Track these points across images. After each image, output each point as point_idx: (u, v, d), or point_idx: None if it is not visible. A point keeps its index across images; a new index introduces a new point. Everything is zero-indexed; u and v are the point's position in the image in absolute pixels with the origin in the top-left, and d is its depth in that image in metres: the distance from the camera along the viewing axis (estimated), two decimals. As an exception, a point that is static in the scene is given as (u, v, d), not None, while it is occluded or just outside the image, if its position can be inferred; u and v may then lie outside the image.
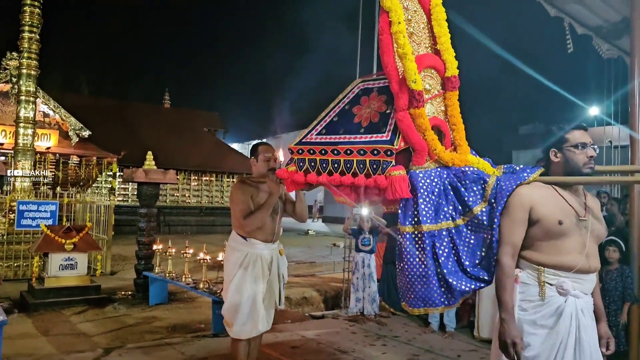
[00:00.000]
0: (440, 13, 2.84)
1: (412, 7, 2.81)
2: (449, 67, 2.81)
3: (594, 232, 2.38)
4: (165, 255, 6.85)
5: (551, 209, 2.36)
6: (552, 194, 2.41)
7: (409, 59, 2.55)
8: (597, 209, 2.48)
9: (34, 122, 10.37)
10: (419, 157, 2.60)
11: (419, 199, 2.55)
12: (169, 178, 7.50)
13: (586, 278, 2.35)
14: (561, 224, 2.32)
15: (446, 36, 2.84)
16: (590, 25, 6.61)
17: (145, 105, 24.05)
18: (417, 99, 2.56)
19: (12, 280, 8.01)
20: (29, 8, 10.07)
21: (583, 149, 2.39)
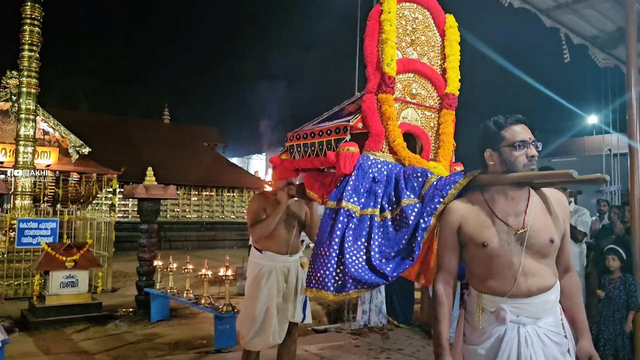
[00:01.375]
0: (454, 35, 2.89)
1: (423, 20, 2.88)
2: (450, 84, 2.82)
3: (534, 247, 2.01)
4: (167, 271, 6.83)
5: (476, 227, 2.06)
6: (480, 208, 2.09)
7: (390, 45, 2.61)
8: (544, 214, 2.07)
9: (34, 140, 10.40)
10: (373, 141, 2.56)
11: (352, 177, 2.46)
12: (170, 194, 7.50)
13: (529, 301, 2.00)
14: (485, 246, 2.01)
15: (455, 56, 2.87)
16: (586, 35, 6.66)
17: (144, 121, 24.14)
18: (386, 84, 2.58)
19: (13, 299, 7.97)
20: (29, 27, 10.14)
21: (522, 148, 2.03)
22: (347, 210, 2.38)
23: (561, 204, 2.13)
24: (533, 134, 2.08)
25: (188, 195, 19.33)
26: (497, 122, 2.10)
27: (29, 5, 10.11)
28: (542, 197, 2.11)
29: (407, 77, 2.77)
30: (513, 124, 2.07)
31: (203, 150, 22.68)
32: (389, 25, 2.62)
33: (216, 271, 5.95)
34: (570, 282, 2.16)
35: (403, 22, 2.80)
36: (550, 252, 2.04)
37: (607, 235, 5.94)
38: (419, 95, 2.80)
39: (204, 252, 15.22)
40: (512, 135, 2.04)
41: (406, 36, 2.83)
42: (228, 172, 21.10)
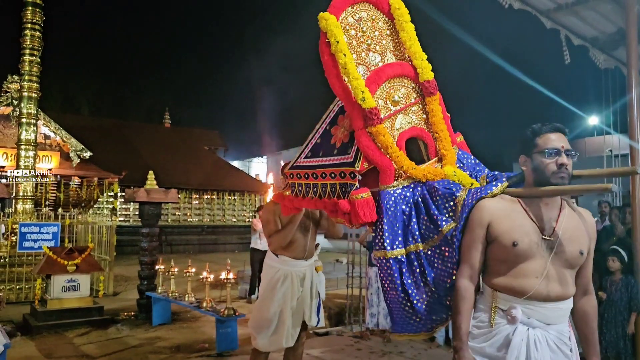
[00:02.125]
0: (402, 16, 2.67)
1: (369, 15, 2.69)
2: (421, 72, 2.64)
3: (562, 255, 2.02)
4: (168, 274, 6.83)
5: (508, 226, 2.06)
6: (514, 208, 2.10)
7: (353, 77, 2.45)
8: (576, 226, 2.09)
9: (35, 144, 10.42)
10: (385, 176, 2.46)
11: (384, 222, 2.39)
12: (171, 197, 7.51)
13: (544, 306, 2.02)
14: (515, 245, 2.02)
15: (412, 40, 2.66)
16: (586, 37, 6.66)
17: (145, 125, 24.19)
18: (370, 117, 2.44)
19: (15, 303, 7.97)
20: (30, 32, 10.17)
21: (553, 156, 2.03)
22: (394, 257, 2.36)
23: (590, 223, 2.15)
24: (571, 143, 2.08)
25: (189, 198, 19.34)
26: (534, 129, 2.13)
27: (30, 9, 10.14)
28: (575, 209, 2.15)
29: (382, 89, 2.63)
30: (548, 132, 2.08)
31: (204, 154, 22.70)
32: (343, 57, 2.44)
33: (217, 274, 5.95)
34: (588, 304, 2.17)
35: (352, 31, 2.64)
36: (577, 264, 2.07)
37: (608, 236, 5.93)
38: (401, 98, 2.66)
39: (205, 255, 15.22)
40: (545, 142, 2.06)
41: (361, 44, 2.66)
42: (229, 175, 21.11)
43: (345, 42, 2.52)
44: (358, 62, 2.62)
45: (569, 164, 2.03)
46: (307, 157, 2.85)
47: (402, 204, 2.42)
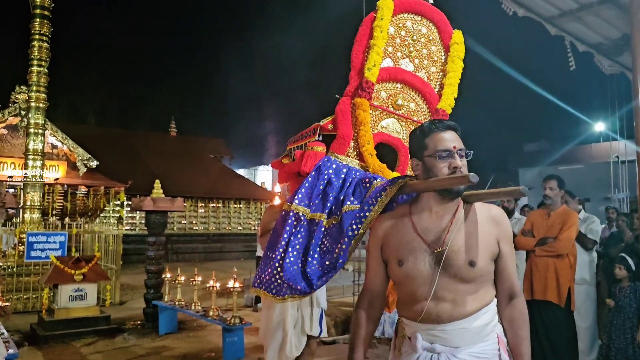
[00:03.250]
0: (458, 52, 2.74)
1: (427, 34, 2.78)
2: (443, 100, 2.65)
3: (450, 269, 1.80)
4: (174, 283, 6.84)
5: (396, 244, 1.90)
6: (403, 222, 1.92)
7: (376, 51, 2.54)
8: (471, 232, 1.85)
9: (42, 154, 10.48)
10: (338, 144, 2.46)
11: (308, 179, 2.37)
12: (177, 206, 7.53)
13: (442, 328, 1.81)
14: (401, 265, 1.85)
15: (456, 73, 2.71)
16: (591, 43, 6.67)
17: (151, 134, 24.29)
18: (364, 88, 2.50)
19: (22, 312, 7.99)
20: (38, 43, 10.26)
21: (445, 159, 1.83)
22: (296, 213, 2.31)
23: (496, 221, 1.90)
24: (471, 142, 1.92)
25: (195, 207, 19.38)
26: (422, 129, 1.93)
27: (38, 21, 10.24)
28: (473, 214, 1.89)
29: (393, 86, 2.67)
30: (439, 131, 1.88)
31: (210, 162, 22.77)
32: (379, 32, 2.56)
33: (224, 283, 5.95)
34: (513, 311, 1.91)
35: (403, 32, 2.73)
36: (472, 277, 1.82)
37: (616, 243, 5.90)
38: (405, 107, 2.67)
39: (211, 263, 15.23)
40: (435, 143, 1.85)
41: (404, 47, 2.74)
42: (234, 183, 21.15)
43: (388, 26, 2.62)
44: (391, 55, 2.70)
45: (462, 165, 1.83)
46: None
47: (333, 173, 2.37)
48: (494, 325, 1.87)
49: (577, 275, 4.73)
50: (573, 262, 4.55)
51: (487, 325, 1.85)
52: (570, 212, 4.64)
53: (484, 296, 1.86)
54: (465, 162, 1.86)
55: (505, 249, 1.90)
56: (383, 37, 2.58)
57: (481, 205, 1.92)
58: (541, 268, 4.52)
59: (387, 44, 2.70)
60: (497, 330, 1.88)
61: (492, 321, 1.87)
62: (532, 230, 4.72)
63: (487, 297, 1.87)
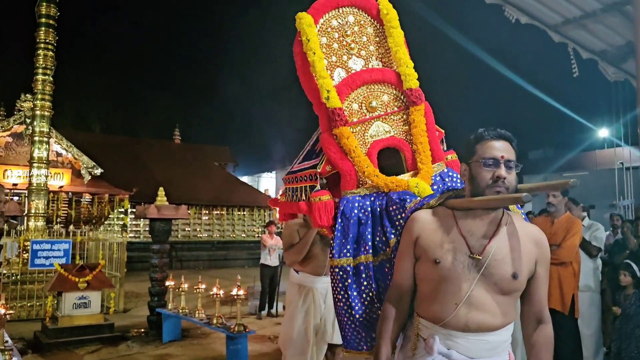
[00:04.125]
0: (390, 22, 2.55)
1: (356, 20, 2.64)
2: (405, 80, 2.49)
3: (491, 278, 1.75)
4: (178, 291, 6.83)
5: (434, 242, 1.83)
6: (446, 222, 1.86)
7: (320, 75, 2.43)
8: (515, 246, 1.80)
9: (47, 162, 10.53)
10: (345, 180, 2.40)
11: (338, 228, 2.31)
12: (181, 213, 7.54)
13: (465, 337, 1.76)
14: (437, 263, 1.79)
15: (398, 46, 2.53)
16: (595, 50, 6.68)
17: (155, 142, 24.36)
18: (333, 117, 2.40)
19: (26, 320, 7.99)
20: (43, 51, 10.34)
21: (490, 167, 1.77)
22: (340, 266, 2.27)
23: (539, 244, 1.86)
24: (518, 154, 1.84)
25: (199, 214, 19.40)
26: (476, 135, 1.87)
27: (44, 30, 10.32)
28: (519, 229, 1.85)
29: (359, 93, 2.54)
30: (490, 139, 1.82)
31: (214, 170, 22.81)
32: (312, 54, 2.44)
33: (228, 290, 5.94)
34: (539, 335, 1.86)
35: (335, 34, 2.60)
36: (511, 290, 1.78)
37: (620, 250, 5.86)
38: (381, 105, 2.54)
39: (215, 271, 15.22)
40: (484, 150, 1.80)
41: (343, 48, 2.60)
42: (239, 191, 21.17)
43: (318, 42, 2.51)
44: (338, 64, 2.60)
45: (506, 176, 1.76)
46: (299, 162, 2.82)
47: (360, 211, 2.32)
48: (509, 342, 1.86)
49: (582, 283, 4.71)
50: (577, 270, 4.53)
51: (505, 342, 1.83)
52: (573, 219, 4.63)
53: (512, 312, 1.82)
54: (513, 174, 1.80)
55: (541, 272, 1.86)
56: (319, 57, 2.47)
57: (522, 223, 1.90)
58: (545, 275, 4.50)
59: (328, 56, 2.59)
60: (508, 347, 1.87)
61: (509, 339, 1.86)
62: (536, 238, 4.70)
63: (513, 314, 1.84)
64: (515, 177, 1.80)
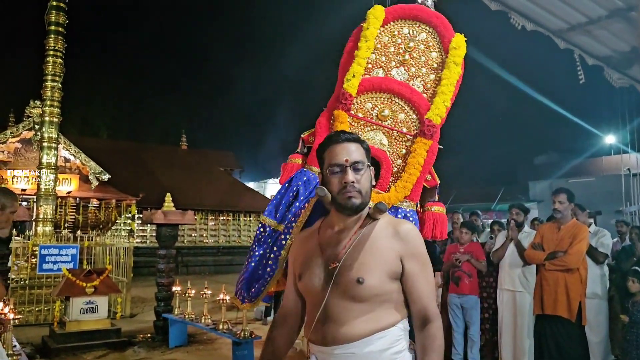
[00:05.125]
0: (455, 57, 2.54)
1: (427, 40, 2.63)
2: (433, 112, 2.45)
3: (340, 286, 1.66)
4: (185, 296, 6.86)
5: (301, 258, 1.80)
6: (312, 237, 1.82)
7: (357, 61, 2.49)
8: (368, 248, 1.69)
9: (55, 167, 10.62)
10: (312, 155, 2.43)
11: (280, 190, 2.43)
12: (188, 219, 7.58)
13: (330, 352, 1.66)
14: (300, 279, 1.76)
15: (450, 80, 2.50)
16: (600, 56, 6.68)
17: (162, 147, 24.49)
18: (341, 100, 2.44)
19: (34, 325, 8.04)
20: (52, 59, 10.46)
21: (337, 173, 1.71)
22: (263, 224, 2.39)
23: (401, 237, 1.72)
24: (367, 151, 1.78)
25: (205, 220, 19.46)
26: (323, 142, 1.80)
27: (53, 37, 10.44)
28: (380, 229, 1.74)
29: (379, 96, 2.54)
30: (333, 144, 1.75)
31: (220, 175, 22.88)
32: (364, 42, 2.51)
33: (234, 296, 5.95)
34: (423, 336, 1.70)
35: (399, 40, 2.61)
36: (363, 296, 1.65)
37: (628, 257, 5.85)
38: (392, 118, 2.52)
39: (221, 276, 15.23)
40: (330, 156, 1.73)
41: (398, 55, 2.61)
42: (244, 196, 21.22)
43: (375, 34, 2.56)
44: (382, 65, 2.62)
45: (355, 179, 1.69)
46: None
47: (303, 187, 2.36)
48: (395, 352, 1.67)
49: (589, 290, 4.70)
50: (584, 276, 4.52)
51: (384, 352, 1.65)
52: (580, 225, 4.63)
53: (380, 319, 1.67)
54: (364, 174, 1.71)
55: (412, 267, 1.71)
56: (367, 47, 2.51)
57: (390, 222, 1.78)
58: (551, 282, 4.50)
59: (379, 54, 2.61)
60: (401, 358, 1.69)
61: (393, 348, 1.66)
62: (542, 244, 4.70)
63: (386, 321, 1.67)
64: (367, 177, 1.73)
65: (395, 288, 1.70)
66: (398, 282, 1.71)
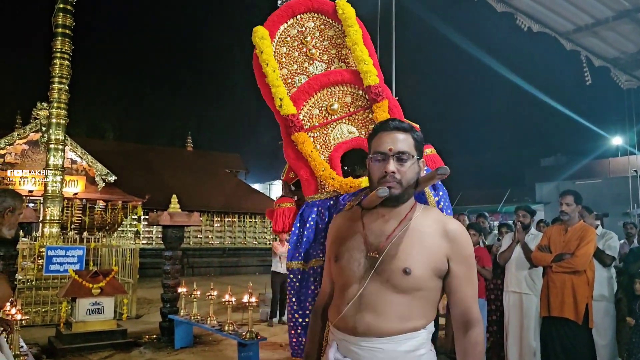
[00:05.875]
0: (347, 20, 2.51)
1: (316, 25, 2.63)
2: (364, 77, 2.45)
3: (383, 275, 1.61)
4: (190, 297, 6.87)
5: (339, 240, 1.77)
6: (355, 222, 1.77)
7: (273, 84, 2.48)
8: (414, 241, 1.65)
9: (62, 169, 10.66)
10: (305, 187, 2.43)
11: (295, 232, 2.36)
12: (194, 220, 7.59)
13: (357, 343, 1.59)
14: (337, 261, 1.72)
15: (356, 44, 2.48)
16: (607, 57, 6.65)
17: (168, 149, 24.57)
18: (288, 125, 2.43)
19: (41, 325, 8.08)
20: (59, 61, 10.51)
21: (379, 161, 1.68)
22: (291, 269, 2.33)
23: (450, 238, 1.68)
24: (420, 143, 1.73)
25: (211, 221, 19.49)
26: (373, 129, 1.76)
27: (60, 39, 10.49)
28: (428, 224, 1.70)
29: (320, 97, 2.54)
30: (382, 132, 1.71)
31: (225, 177, 22.92)
32: (266, 65, 2.50)
33: (239, 297, 5.96)
34: (465, 341, 1.67)
35: (294, 42, 2.62)
36: (407, 287, 1.60)
37: (635, 259, 5.80)
38: (343, 107, 2.52)
39: (226, 278, 15.26)
40: (375, 144, 1.70)
41: (303, 55, 2.62)
42: (250, 198, 21.24)
43: (271, 52, 2.54)
44: (299, 72, 2.61)
45: (396, 170, 1.66)
46: None
47: (317, 216, 2.34)
48: (419, 355, 1.61)
49: (596, 292, 4.67)
50: (591, 279, 4.49)
51: (409, 353, 1.59)
52: (587, 227, 4.60)
53: (416, 318, 1.62)
54: (408, 166, 1.68)
55: (458, 269, 1.68)
56: (273, 68, 2.51)
57: (439, 219, 1.73)
58: (558, 284, 4.48)
59: (288, 64, 2.61)
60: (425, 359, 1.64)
61: (419, 350, 1.61)
62: (549, 246, 4.68)
63: (420, 322, 1.63)
64: (412, 168, 1.69)
65: (438, 286, 1.67)
66: (440, 281, 1.67)
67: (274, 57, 2.57)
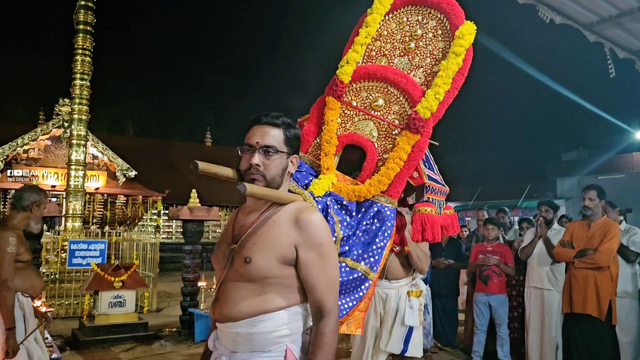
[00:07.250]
0: (457, 47, 2.31)
1: (435, 28, 2.46)
2: (422, 102, 2.26)
3: (234, 264, 1.70)
4: (210, 291, 6.93)
5: (221, 235, 1.91)
6: (235, 212, 1.92)
7: (354, 48, 2.41)
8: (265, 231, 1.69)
9: (84, 164, 10.83)
10: (303, 138, 2.35)
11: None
12: (213, 215, 7.64)
13: (221, 328, 1.72)
14: (213, 253, 1.85)
15: (445, 72, 2.28)
16: (633, 49, 6.50)
17: (187, 144, 24.81)
18: (332, 87, 2.38)
19: (64, 318, 8.22)
20: (81, 57, 10.66)
21: (247, 152, 1.74)
22: None
23: (300, 226, 1.69)
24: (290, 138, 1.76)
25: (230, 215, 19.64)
26: (249, 120, 1.81)
27: (81, 36, 10.64)
28: (282, 214, 1.73)
29: (375, 86, 2.43)
30: (252, 125, 1.77)
31: (244, 172, 23.05)
32: (365, 27, 2.43)
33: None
34: (314, 330, 1.68)
35: (407, 27, 2.48)
36: (251, 275, 1.65)
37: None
38: (385, 109, 2.39)
39: (245, 272, 15.35)
40: (247, 136, 1.76)
41: (403, 43, 2.47)
42: (268, 193, 21.34)
43: (379, 20, 2.47)
44: (386, 53, 2.51)
45: (261, 163, 1.70)
46: None
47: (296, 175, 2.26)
48: (281, 336, 1.66)
49: (619, 289, 4.59)
50: (614, 275, 4.42)
51: (269, 334, 1.65)
52: (611, 223, 4.52)
53: (267, 302, 1.66)
54: (274, 160, 1.72)
55: (306, 257, 1.67)
56: (367, 33, 2.43)
57: (297, 208, 1.73)
58: (580, 280, 4.42)
59: (385, 41, 2.51)
60: (288, 342, 1.68)
61: (279, 331, 1.66)
62: (572, 242, 4.61)
63: (275, 304, 1.67)
64: (278, 163, 1.73)
65: (288, 274, 1.68)
66: (292, 268, 1.69)
67: (378, 26, 2.50)
